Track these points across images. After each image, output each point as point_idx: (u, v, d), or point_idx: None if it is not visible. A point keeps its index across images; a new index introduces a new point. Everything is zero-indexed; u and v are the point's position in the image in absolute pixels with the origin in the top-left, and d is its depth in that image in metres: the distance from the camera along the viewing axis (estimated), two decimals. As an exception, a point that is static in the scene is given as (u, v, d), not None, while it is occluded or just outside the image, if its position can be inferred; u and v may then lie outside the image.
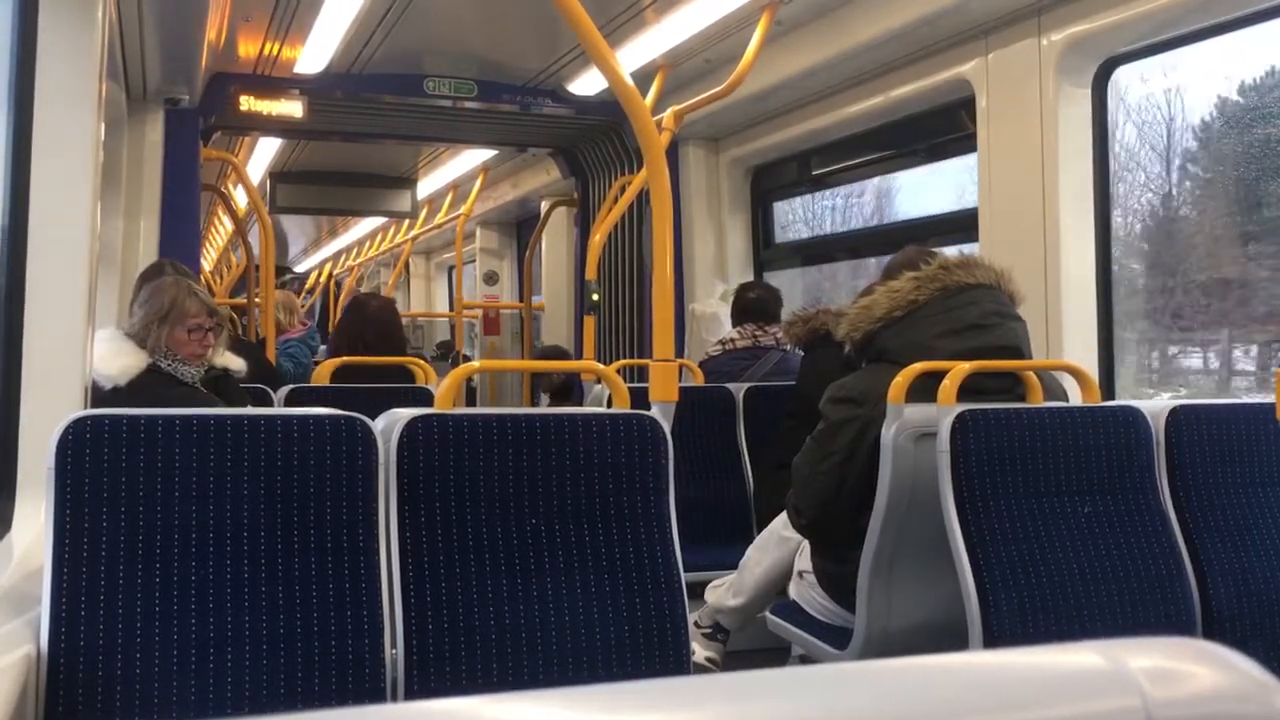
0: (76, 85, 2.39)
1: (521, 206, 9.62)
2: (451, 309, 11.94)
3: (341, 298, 12.27)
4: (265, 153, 7.91)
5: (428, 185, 9.27)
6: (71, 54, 2.37)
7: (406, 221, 10.06)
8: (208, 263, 11.95)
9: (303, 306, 11.71)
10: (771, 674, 0.63)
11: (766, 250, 6.32)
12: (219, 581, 1.90)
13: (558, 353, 7.28)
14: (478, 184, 8.61)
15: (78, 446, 1.85)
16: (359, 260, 13.42)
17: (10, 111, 2.31)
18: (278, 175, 8.45)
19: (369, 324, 4.66)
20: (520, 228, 10.58)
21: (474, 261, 11.04)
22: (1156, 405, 2.79)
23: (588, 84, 5.82)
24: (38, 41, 2.33)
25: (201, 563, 1.90)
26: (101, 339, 3.11)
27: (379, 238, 12.27)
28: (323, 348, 6.97)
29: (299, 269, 16.93)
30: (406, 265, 12.40)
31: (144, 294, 3.39)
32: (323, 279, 14.41)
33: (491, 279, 10.90)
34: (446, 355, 9.62)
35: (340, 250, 14.43)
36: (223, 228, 11.36)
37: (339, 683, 1.94)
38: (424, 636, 2.03)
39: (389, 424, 2.11)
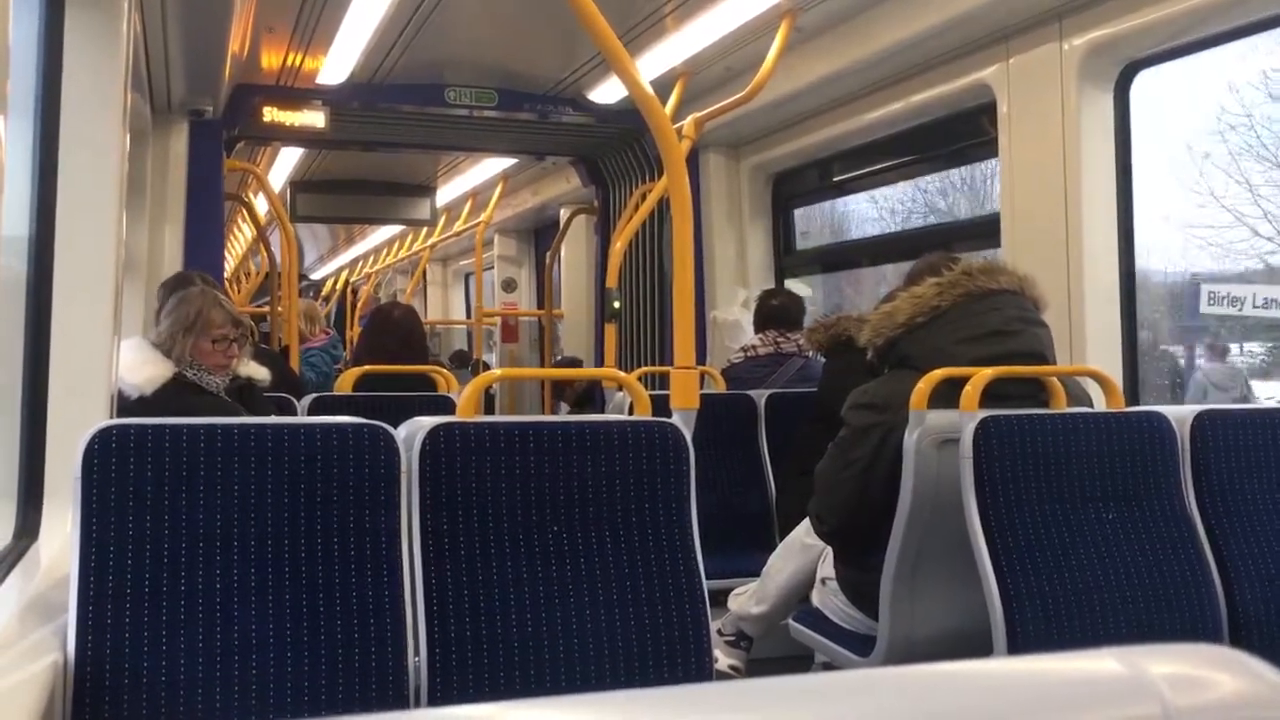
0: (102, 98, 2.42)
1: (540, 214, 9.64)
2: (469, 316, 11.97)
3: (359, 305, 12.31)
4: (286, 162, 7.97)
5: (447, 193, 9.31)
6: (96, 67, 2.40)
7: (424, 229, 10.10)
8: (227, 270, 12.03)
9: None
10: (793, 680, 0.63)
11: (788, 257, 6.31)
12: (243, 589, 1.92)
13: (573, 364, 7.30)
14: (497, 192, 8.64)
15: (104, 456, 1.87)
16: (376, 267, 13.47)
17: (37, 124, 2.34)
18: (298, 184, 8.51)
19: (391, 334, 4.68)
20: (539, 235, 10.60)
21: (492, 269, 11.07)
22: (1182, 411, 2.77)
23: (608, 92, 5.83)
24: (63, 55, 2.36)
25: (226, 571, 1.91)
26: (127, 348, 3.13)
27: (396, 245, 12.31)
28: (345, 357, 7.00)
29: (315, 276, 17.00)
30: (424, 272, 12.45)
31: (170, 304, 3.42)
32: (339, 286, 14.48)
33: (510, 286, 10.92)
34: (464, 364, 9.64)
35: (357, 257, 14.48)
36: (242, 236, 11.42)
37: (362, 690, 1.95)
38: (446, 644, 2.04)
39: (411, 432, 2.12)
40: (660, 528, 2.21)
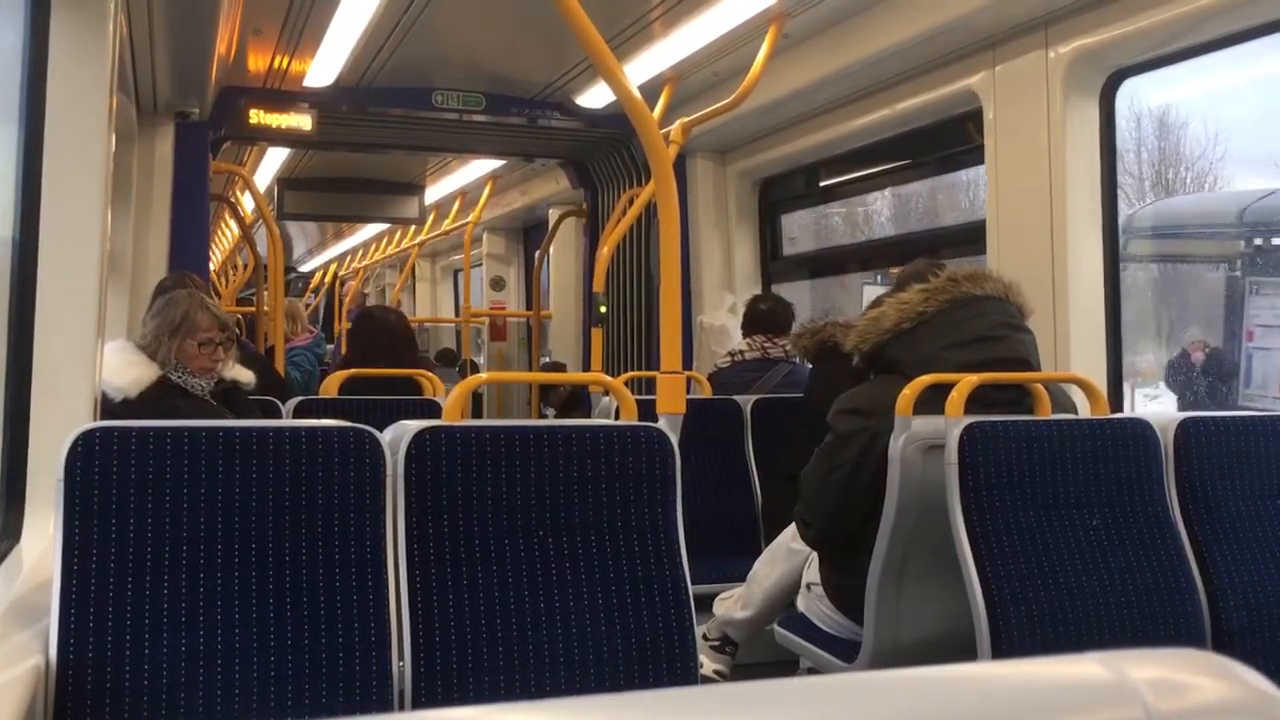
0: (87, 99, 2.40)
1: (529, 212, 9.62)
2: (457, 314, 11.95)
3: (346, 301, 12.27)
4: (273, 159, 7.94)
5: (435, 192, 9.29)
6: (82, 68, 2.39)
7: (413, 226, 10.09)
8: (213, 266, 11.97)
9: (308, 308, 11.73)
10: (777, 684, 0.63)
11: (774, 262, 6.32)
12: (227, 593, 1.91)
13: (556, 369, 7.31)
14: (486, 192, 8.63)
15: (87, 458, 1.86)
16: (365, 263, 13.45)
17: (22, 125, 2.33)
18: (285, 182, 8.47)
19: (396, 341, 4.68)
20: (528, 233, 10.58)
21: (480, 266, 11.04)
22: (1165, 417, 2.78)
23: (596, 97, 5.83)
24: (49, 56, 2.35)
25: (210, 575, 1.91)
26: (112, 351, 3.12)
27: (385, 240, 12.30)
28: (330, 348, 6.96)
29: (303, 269, 16.95)
30: (413, 269, 12.41)
31: (156, 306, 3.41)
32: (327, 279, 14.42)
33: (498, 284, 10.90)
34: (451, 363, 9.62)
35: (346, 251, 14.45)
36: (229, 232, 11.38)
37: (346, 695, 1.94)
38: (431, 649, 2.03)
39: (397, 436, 2.12)
40: (646, 532, 2.21)
